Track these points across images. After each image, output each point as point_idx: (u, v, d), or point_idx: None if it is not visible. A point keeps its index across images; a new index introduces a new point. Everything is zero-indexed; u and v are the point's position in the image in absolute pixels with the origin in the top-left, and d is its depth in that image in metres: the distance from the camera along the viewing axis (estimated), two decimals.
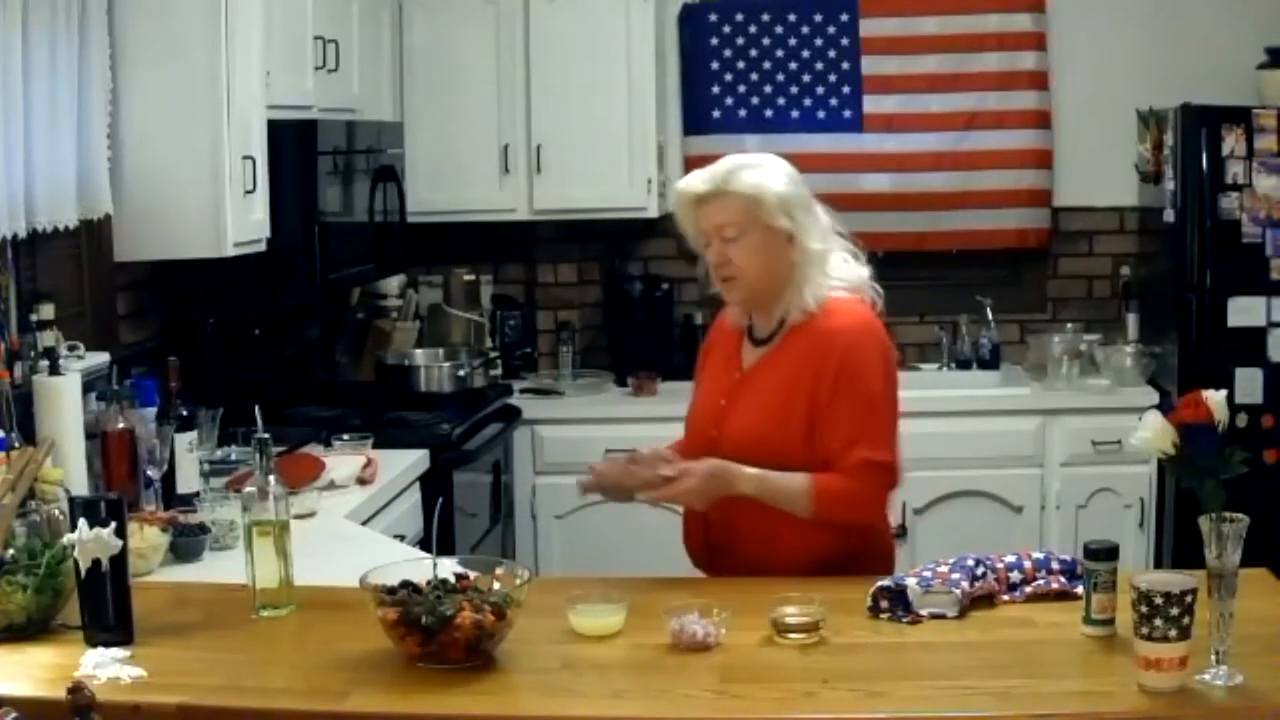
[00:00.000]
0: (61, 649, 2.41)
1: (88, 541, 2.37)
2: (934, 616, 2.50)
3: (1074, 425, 5.04)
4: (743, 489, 2.85)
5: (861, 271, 3.01)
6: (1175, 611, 2.09)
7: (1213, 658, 2.15)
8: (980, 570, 2.59)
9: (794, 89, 5.50)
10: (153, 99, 3.71)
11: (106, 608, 2.41)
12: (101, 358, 3.55)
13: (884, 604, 2.53)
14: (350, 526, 3.46)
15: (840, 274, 2.97)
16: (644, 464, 2.96)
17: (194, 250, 3.75)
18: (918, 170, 5.46)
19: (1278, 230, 4.78)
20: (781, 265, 2.92)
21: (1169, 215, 4.95)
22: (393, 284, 5.41)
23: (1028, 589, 2.60)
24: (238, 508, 2.77)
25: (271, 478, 2.60)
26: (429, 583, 2.35)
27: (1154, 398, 4.83)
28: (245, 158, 3.78)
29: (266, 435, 2.66)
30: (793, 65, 5.50)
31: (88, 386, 3.34)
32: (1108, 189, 5.47)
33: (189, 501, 3.35)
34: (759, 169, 2.97)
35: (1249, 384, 4.76)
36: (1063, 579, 2.61)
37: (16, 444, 2.99)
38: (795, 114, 5.50)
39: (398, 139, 4.98)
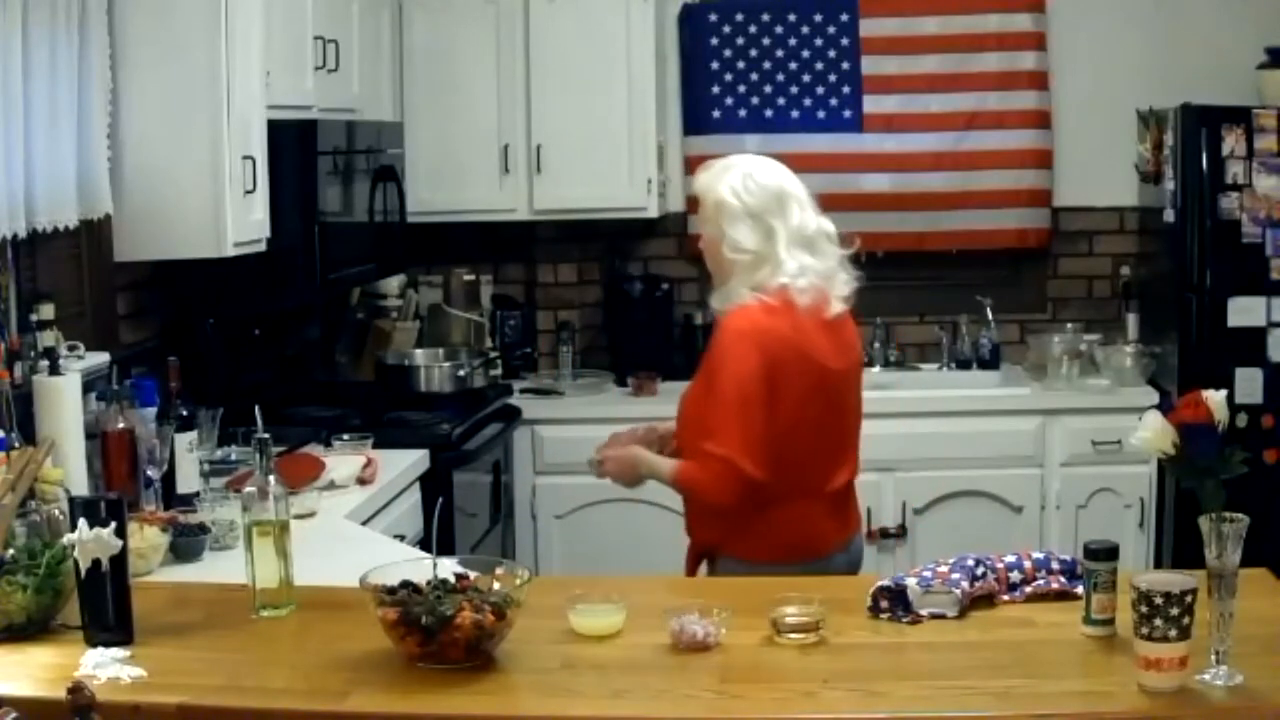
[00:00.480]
0: (61, 649, 2.41)
1: (88, 541, 2.37)
2: (934, 616, 2.50)
3: (1074, 425, 5.05)
4: (644, 473, 3.25)
5: (814, 283, 3.10)
6: (1175, 611, 2.09)
7: (1213, 658, 2.15)
8: (980, 570, 2.59)
9: (794, 89, 5.50)
10: (153, 99, 3.71)
11: (106, 608, 2.41)
12: (101, 358, 3.55)
13: (884, 604, 2.53)
14: (350, 526, 3.46)
15: (787, 280, 3.07)
16: (601, 448, 3.38)
17: (194, 250, 3.75)
18: (918, 170, 5.46)
19: (1278, 230, 4.78)
20: (714, 262, 3.18)
21: (1169, 215, 4.95)
22: (393, 284, 5.41)
23: (1028, 589, 2.60)
24: (238, 508, 2.77)
25: (271, 478, 2.60)
26: (429, 583, 2.35)
27: (1154, 398, 4.83)
28: (245, 158, 3.78)
29: (266, 435, 2.66)
30: (793, 65, 5.49)
31: (88, 386, 3.34)
32: (1108, 189, 5.47)
33: (189, 501, 3.35)
34: (715, 173, 3.18)
35: (1249, 384, 4.76)
36: (1063, 579, 2.61)
37: (16, 444, 2.99)
38: (795, 114, 5.50)
39: (398, 139, 4.98)
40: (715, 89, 5.52)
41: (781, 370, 3.03)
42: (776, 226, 3.10)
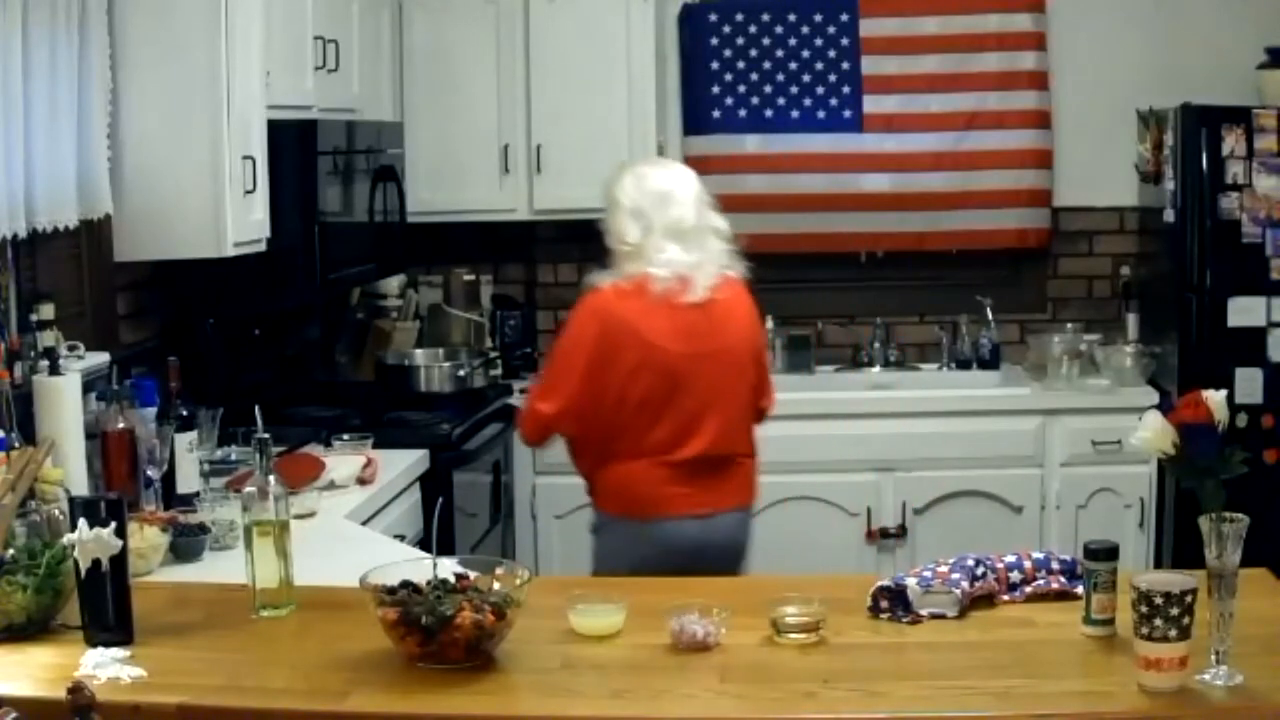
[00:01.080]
0: (61, 649, 2.41)
1: (88, 541, 2.37)
2: (934, 616, 2.50)
3: (1074, 425, 5.04)
4: None
5: (677, 273, 3.49)
6: (1175, 611, 2.09)
7: (1213, 658, 2.15)
8: (980, 570, 2.59)
9: (794, 89, 5.50)
10: (153, 99, 3.71)
11: (106, 608, 2.41)
12: (101, 358, 3.55)
13: (884, 604, 2.53)
14: (350, 526, 3.46)
15: (651, 269, 3.49)
16: None
17: (194, 250, 3.75)
18: (918, 170, 5.46)
19: (1278, 230, 4.78)
20: (611, 251, 3.59)
21: (1169, 215, 4.95)
22: (393, 284, 5.41)
23: (1028, 589, 2.61)
24: (238, 508, 2.77)
25: (271, 478, 2.60)
26: (429, 583, 2.35)
27: (1154, 398, 4.83)
28: (245, 158, 3.78)
29: (266, 435, 2.66)
30: (793, 65, 5.49)
31: (88, 386, 3.34)
32: (1108, 189, 5.47)
33: (189, 501, 3.35)
34: (616, 174, 3.67)
35: (1249, 384, 4.76)
36: (1063, 579, 2.61)
37: (16, 444, 2.99)
38: (795, 114, 5.49)
39: (398, 139, 4.98)
40: (715, 89, 5.51)
41: (614, 345, 3.45)
42: (654, 222, 3.50)
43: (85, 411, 3.27)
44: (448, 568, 2.44)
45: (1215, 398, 2.25)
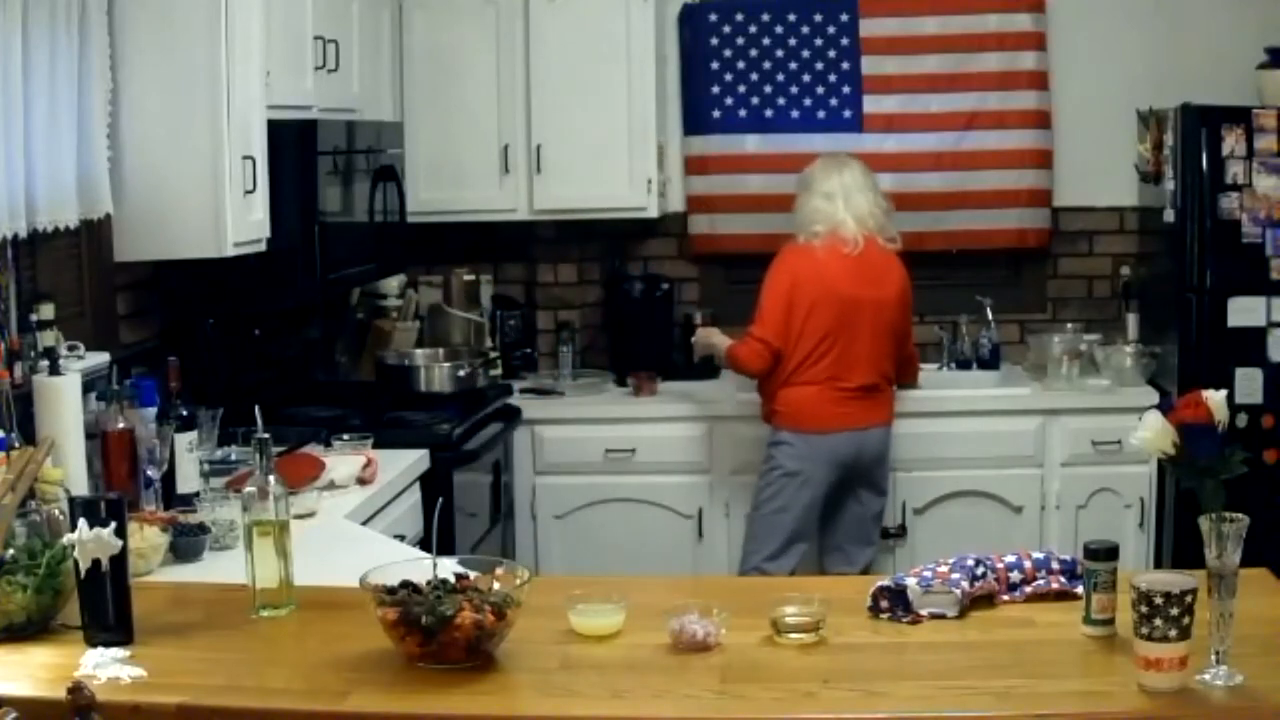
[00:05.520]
0: (61, 649, 2.41)
1: (88, 541, 2.37)
2: (934, 616, 2.50)
3: (1074, 425, 5.05)
4: (714, 341, 4.90)
5: (818, 229, 4.65)
6: (1175, 611, 2.09)
7: (1213, 658, 2.16)
8: (980, 570, 2.59)
9: (794, 89, 5.50)
10: (153, 99, 3.71)
11: (106, 608, 2.41)
12: (101, 358, 3.55)
13: (884, 604, 2.53)
14: (350, 526, 3.46)
15: (813, 229, 4.65)
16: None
17: (194, 250, 3.75)
18: (918, 170, 5.46)
19: (1278, 230, 4.78)
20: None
21: (1169, 215, 4.95)
22: (393, 284, 5.41)
23: (1028, 589, 2.61)
24: (238, 508, 2.77)
25: (271, 478, 2.60)
26: (429, 583, 2.35)
27: (1154, 398, 4.83)
28: (245, 158, 3.78)
29: (266, 435, 2.66)
30: (793, 65, 5.49)
31: (88, 386, 3.34)
32: (1108, 189, 5.48)
33: (189, 501, 3.35)
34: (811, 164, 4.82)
35: (1249, 384, 4.77)
36: (1063, 579, 2.61)
37: (16, 444, 2.99)
38: (795, 114, 5.50)
39: (398, 139, 4.98)
40: (715, 89, 5.51)
41: (782, 281, 4.59)
42: (812, 197, 4.65)
43: (85, 411, 3.27)
44: (448, 568, 2.44)
45: (1215, 398, 2.26)
